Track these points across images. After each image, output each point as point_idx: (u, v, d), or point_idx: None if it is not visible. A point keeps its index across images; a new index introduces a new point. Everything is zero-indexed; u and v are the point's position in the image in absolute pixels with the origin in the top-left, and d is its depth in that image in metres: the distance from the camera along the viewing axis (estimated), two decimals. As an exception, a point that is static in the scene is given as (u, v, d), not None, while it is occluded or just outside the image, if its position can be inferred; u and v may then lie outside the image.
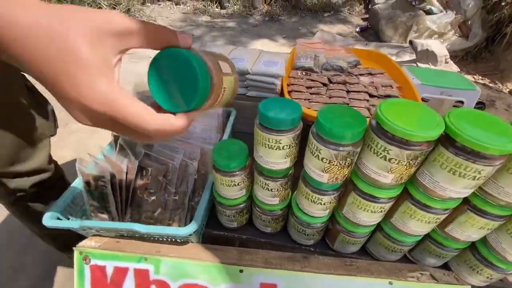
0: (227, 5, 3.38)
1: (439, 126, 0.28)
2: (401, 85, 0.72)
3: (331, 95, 0.64)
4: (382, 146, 0.29)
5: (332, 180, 0.34)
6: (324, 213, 0.41)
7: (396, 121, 0.28)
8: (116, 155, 0.50)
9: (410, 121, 0.28)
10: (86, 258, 0.44)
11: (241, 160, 0.39)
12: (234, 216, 0.47)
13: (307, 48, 0.87)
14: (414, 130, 0.27)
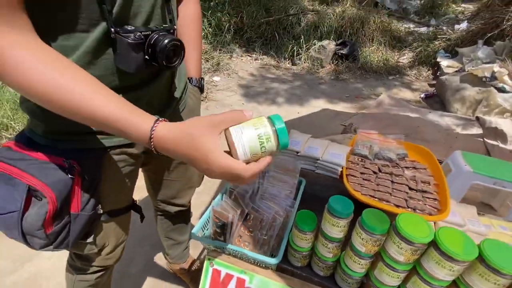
0: (298, 62, 3.87)
1: (429, 236, 0.51)
2: (438, 183, 0.91)
3: (379, 183, 0.87)
4: (397, 240, 0.53)
5: (368, 251, 0.59)
6: (361, 270, 0.64)
7: (405, 228, 0.52)
8: (232, 201, 0.83)
9: (415, 229, 0.52)
10: (211, 263, 0.75)
11: (312, 226, 0.66)
12: (299, 259, 0.73)
13: (365, 137, 1.12)
14: (416, 237, 0.51)
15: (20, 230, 0.52)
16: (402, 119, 2.56)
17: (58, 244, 0.58)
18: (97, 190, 0.62)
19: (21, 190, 0.50)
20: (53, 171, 0.54)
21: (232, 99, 3.01)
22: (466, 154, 1.40)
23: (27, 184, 0.51)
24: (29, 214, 0.52)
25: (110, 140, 0.60)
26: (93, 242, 0.68)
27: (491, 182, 1.27)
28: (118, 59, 0.50)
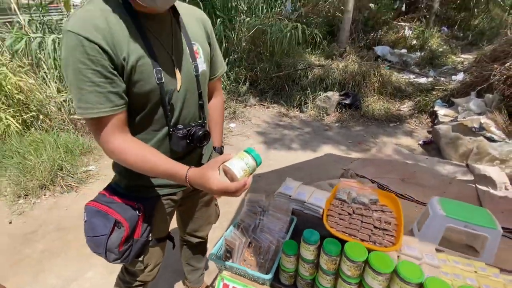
0: (305, 111, 4.31)
1: (364, 256, 0.78)
2: (399, 223, 1.16)
3: (351, 222, 1.14)
4: (345, 259, 0.81)
5: (329, 269, 0.85)
6: (328, 285, 0.89)
7: (349, 251, 0.80)
8: (239, 232, 1.12)
9: (356, 252, 0.79)
10: (222, 279, 1.02)
11: (294, 251, 0.94)
12: (287, 278, 0.99)
13: (346, 185, 1.41)
14: (356, 257, 0.78)
15: (105, 247, 0.84)
16: (399, 165, 2.79)
17: (123, 259, 0.90)
18: (150, 223, 0.95)
19: (111, 221, 0.84)
20: (129, 210, 0.88)
21: (245, 143, 3.40)
22: (442, 200, 1.64)
23: (115, 218, 0.84)
24: (112, 237, 0.85)
25: (162, 191, 0.95)
26: (142, 260, 0.99)
27: (462, 225, 1.49)
28: (172, 144, 0.87)
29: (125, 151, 0.76)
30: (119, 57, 0.69)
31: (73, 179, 2.38)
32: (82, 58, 0.64)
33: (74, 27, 0.64)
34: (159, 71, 0.76)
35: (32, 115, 2.97)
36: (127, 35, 0.70)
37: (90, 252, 1.81)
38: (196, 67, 0.87)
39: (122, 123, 0.76)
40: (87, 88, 0.67)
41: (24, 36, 3.13)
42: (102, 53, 0.66)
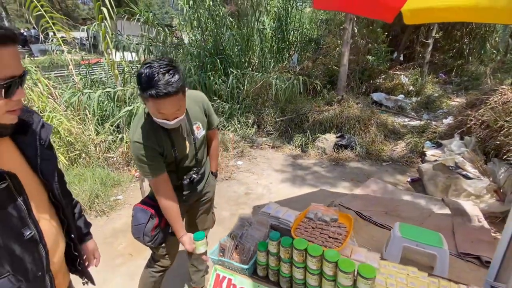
0: (306, 150, 4.80)
1: (304, 245, 1.20)
2: (347, 236, 1.55)
3: (312, 233, 1.54)
4: (294, 250, 1.23)
5: (285, 257, 1.26)
6: (287, 271, 1.29)
7: (296, 244, 1.22)
8: (230, 239, 1.55)
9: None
10: (216, 270, 1.44)
11: (265, 247, 1.36)
12: (261, 270, 1.39)
13: (315, 207, 1.82)
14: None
15: (143, 232, 1.32)
16: (385, 200, 3.12)
17: (153, 241, 1.36)
18: None
19: (148, 214, 1.34)
20: (158, 208, 1.38)
21: (250, 179, 3.87)
22: (402, 225, 2.02)
23: (150, 212, 1.34)
24: (148, 225, 1.33)
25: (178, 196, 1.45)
26: (164, 247, 1.44)
27: (414, 244, 1.84)
28: (183, 187, 1.41)
29: (166, 207, 1.34)
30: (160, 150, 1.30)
31: (105, 205, 2.91)
32: (143, 152, 1.23)
33: (135, 138, 1.23)
34: (175, 151, 1.34)
35: (77, 153, 3.66)
36: (161, 139, 1.27)
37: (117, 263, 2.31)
38: (195, 139, 1.43)
39: (168, 178, 1.34)
40: (154, 163, 1.27)
41: (79, 91, 4.01)
42: (155, 149, 1.26)
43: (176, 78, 1.07)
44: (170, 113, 1.15)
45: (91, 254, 1.15)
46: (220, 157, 4.33)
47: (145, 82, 1.05)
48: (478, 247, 2.27)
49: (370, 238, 2.39)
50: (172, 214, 1.34)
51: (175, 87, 1.07)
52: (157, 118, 1.17)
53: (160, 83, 1.04)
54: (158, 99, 1.06)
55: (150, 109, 1.15)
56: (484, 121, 3.51)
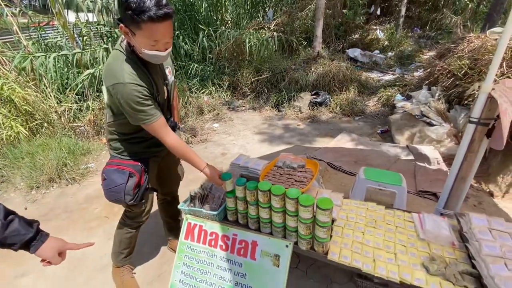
0: (282, 110, 4.79)
1: (267, 187, 1.24)
2: (312, 178, 1.62)
3: (279, 179, 1.60)
4: (259, 192, 1.27)
5: (251, 199, 1.31)
6: (254, 213, 1.35)
7: (260, 186, 1.26)
8: (201, 189, 1.58)
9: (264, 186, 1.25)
10: (187, 219, 1.48)
11: (233, 194, 1.40)
12: (231, 215, 1.44)
13: (284, 156, 1.87)
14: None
15: (124, 192, 1.29)
16: (355, 151, 3.27)
17: (135, 199, 1.33)
18: (148, 174, 1.39)
19: (126, 174, 1.30)
20: (136, 166, 1.34)
21: (227, 140, 3.86)
22: (366, 169, 2.12)
23: (129, 171, 1.30)
24: (128, 184, 1.30)
25: (152, 153, 1.40)
26: (143, 203, 1.43)
27: (376, 185, 1.96)
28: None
29: (177, 145, 1.26)
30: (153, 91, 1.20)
31: (76, 173, 2.82)
32: (140, 95, 1.11)
33: (129, 80, 1.09)
34: (158, 95, 1.26)
35: (37, 123, 3.42)
36: (148, 81, 1.16)
37: (93, 226, 2.28)
38: (168, 84, 1.34)
39: (166, 122, 1.24)
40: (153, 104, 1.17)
41: (29, 55, 3.60)
42: (149, 90, 1.15)
43: (165, 0, 0.99)
44: (164, 41, 1.06)
45: (53, 257, 0.86)
46: (195, 120, 4.24)
47: (137, 5, 0.95)
48: (435, 185, 2.48)
49: (339, 185, 2.54)
50: (187, 149, 1.28)
51: (171, 8, 0.99)
52: (148, 50, 1.06)
53: (153, 5, 0.95)
54: (155, 23, 0.98)
55: (142, 40, 1.04)
56: (450, 70, 3.61)
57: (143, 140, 1.36)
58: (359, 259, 1.20)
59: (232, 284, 1.29)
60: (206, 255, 1.39)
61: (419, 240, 1.29)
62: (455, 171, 1.46)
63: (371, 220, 1.45)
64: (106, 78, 1.14)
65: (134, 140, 1.35)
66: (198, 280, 1.37)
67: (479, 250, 1.07)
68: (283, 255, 1.23)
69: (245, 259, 1.30)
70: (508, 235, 1.12)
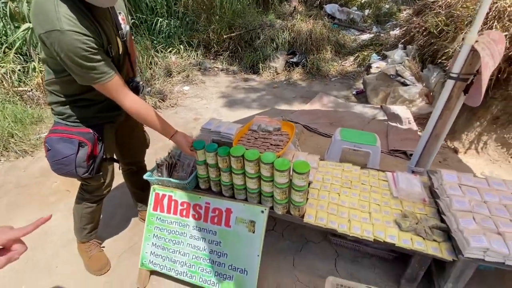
0: (257, 71, 4.55)
1: (241, 152, 1.14)
2: (288, 141, 1.54)
3: (254, 143, 1.50)
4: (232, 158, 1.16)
5: (224, 166, 1.21)
6: (227, 180, 1.26)
7: (232, 151, 1.15)
8: (168, 157, 1.44)
9: (237, 151, 1.14)
10: (154, 190, 1.36)
11: (204, 162, 1.28)
12: (203, 183, 1.35)
13: (258, 119, 1.75)
14: (236, 154, 1.13)
15: (75, 164, 1.10)
16: (330, 112, 3.23)
17: (90, 171, 1.15)
18: (103, 143, 1.20)
19: (75, 144, 1.09)
20: (86, 134, 1.12)
21: (199, 104, 3.63)
22: (342, 130, 2.08)
23: (78, 140, 1.10)
24: (79, 155, 1.10)
25: (105, 119, 1.19)
26: (101, 175, 1.25)
27: (352, 146, 1.94)
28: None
29: (139, 109, 1.08)
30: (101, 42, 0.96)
31: (27, 145, 2.50)
32: (85, 47, 0.87)
33: (69, 26, 0.84)
34: (111, 48, 1.01)
35: (-28, 88, 2.91)
36: (91, 27, 0.91)
37: (53, 201, 2.07)
38: (123, 35, 1.09)
39: (123, 81, 1.03)
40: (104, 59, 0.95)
41: None
42: (97, 41, 0.92)
43: None
44: None
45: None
46: (163, 83, 3.89)
47: None
48: (405, 144, 2.55)
49: (315, 146, 2.52)
50: (150, 113, 1.11)
51: None
52: None
53: None
54: None
55: None
56: (427, 28, 3.54)
57: (93, 103, 1.15)
58: (334, 220, 1.19)
59: (207, 252, 1.25)
60: (178, 226, 1.31)
61: (392, 199, 1.30)
62: (430, 129, 1.45)
63: (346, 181, 1.44)
64: (36, 23, 0.88)
65: (81, 103, 1.13)
66: (171, 250, 1.30)
67: (450, 205, 1.09)
68: (258, 221, 1.19)
69: (219, 227, 1.24)
70: (476, 190, 1.15)
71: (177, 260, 1.29)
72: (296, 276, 1.38)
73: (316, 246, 1.56)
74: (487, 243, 0.89)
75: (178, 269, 1.28)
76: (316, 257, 1.48)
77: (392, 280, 1.31)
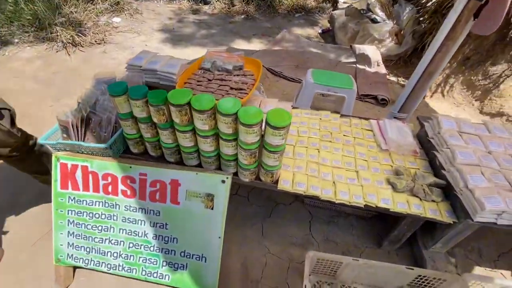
0: (210, 1, 3.75)
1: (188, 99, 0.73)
2: (255, 83, 1.16)
3: (208, 87, 1.09)
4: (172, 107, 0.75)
5: (159, 121, 0.80)
6: (169, 140, 0.87)
7: (171, 98, 0.73)
8: (75, 110, 0.96)
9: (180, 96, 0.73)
10: (58, 159, 0.90)
11: (129, 115, 0.84)
12: (133, 145, 0.93)
13: (213, 54, 1.30)
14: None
15: None
16: (296, 54, 2.84)
17: None
18: None
19: None
20: None
21: (135, 41, 2.87)
22: (314, 71, 1.73)
23: None
24: None
25: None
26: None
27: (326, 90, 1.63)
28: None
29: None
30: None
31: None
32: None
33: None
34: None
35: None
36: None
37: None
38: None
39: None
40: None
41: None
42: None
43: None
44: None
45: None
46: (83, 12, 2.93)
47: None
48: (375, 88, 2.37)
49: (281, 93, 2.18)
50: None
51: None
52: None
53: None
54: None
55: None
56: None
57: None
58: (316, 184, 0.93)
59: (149, 238, 0.91)
60: (103, 207, 0.92)
61: (380, 152, 1.08)
62: (423, 67, 1.19)
63: (326, 132, 1.16)
64: None
65: None
66: (97, 240, 0.94)
67: (453, 158, 0.89)
68: (218, 194, 0.86)
69: (163, 205, 0.90)
70: (478, 137, 0.97)
71: (107, 251, 0.94)
72: (267, 247, 1.16)
73: (287, 208, 1.34)
74: (504, 205, 0.73)
75: (110, 262, 0.94)
76: (288, 221, 1.27)
77: (371, 241, 1.18)
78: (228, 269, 1.05)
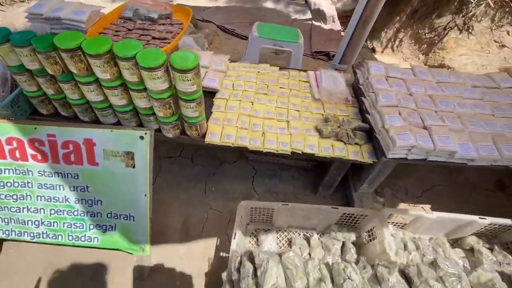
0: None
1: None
2: (181, 32, 1.07)
3: (125, 37, 0.98)
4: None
5: (54, 71, 0.71)
6: (75, 95, 0.78)
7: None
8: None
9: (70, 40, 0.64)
10: None
11: (23, 69, 0.73)
12: (39, 104, 0.83)
13: (137, 2, 1.16)
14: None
15: None
16: (251, 10, 2.68)
17: None
18: None
19: None
20: None
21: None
22: (260, 24, 1.64)
23: None
24: None
25: None
26: None
27: (272, 44, 1.56)
28: None
29: None
30: None
31: None
32: None
33: None
34: None
35: None
36: None
37: None
38: None
39: None
40: None
41: None
42: None
43: None
44: None
45: None
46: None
47: None
48: (329, 45, 2.34)
49: (232, 52, 2.08)
50: None
51: None
52: None
53: None
54: None
55: None
56: None
57: None
58: (245, 135, 0.92)
59: (71, 202, 0.86)
60: (14, 174, 0.84)
61: (313, 101, 1.07)
62: (359, 14, 1.16)
63: (262, 85, 1.12)
64: None
65: None
66: (14, 209, 0.87)
67: (376, 101, 0.91)
68: (138, 151, 0.82)
69: (80, 167, 0.83)
70: (402, 81, 0.99)
71: (27, 220, 0.88)
72: (209, 203, 1.17)
73: (231, 166, 1.34)
74: (413, 140, 0.77)
75: (33, 231, 0.89)
76: (232, 178, 1.28)
77: (309, 189, 1.23)
78: (167, 227, 1.05)
